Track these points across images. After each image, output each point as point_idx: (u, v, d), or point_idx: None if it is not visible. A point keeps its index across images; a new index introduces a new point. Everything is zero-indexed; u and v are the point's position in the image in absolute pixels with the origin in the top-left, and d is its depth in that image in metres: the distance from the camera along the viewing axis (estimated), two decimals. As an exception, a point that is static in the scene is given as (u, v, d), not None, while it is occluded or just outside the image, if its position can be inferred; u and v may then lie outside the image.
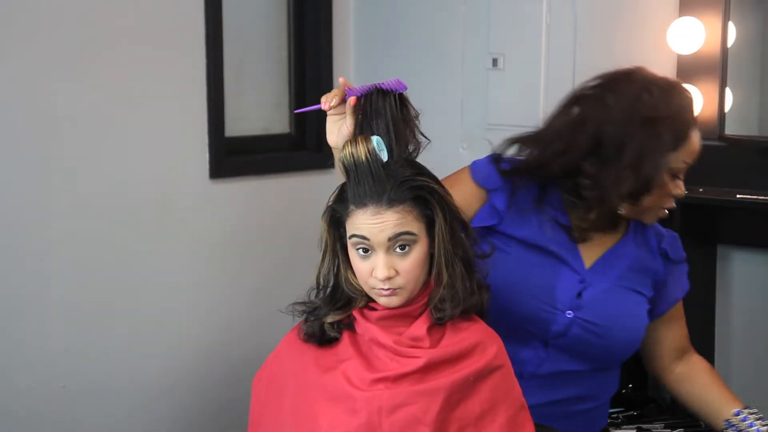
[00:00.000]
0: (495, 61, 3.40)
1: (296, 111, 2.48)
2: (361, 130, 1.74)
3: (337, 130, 1.81)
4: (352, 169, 1.69)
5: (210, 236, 3.24)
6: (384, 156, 1.70)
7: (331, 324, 1.75)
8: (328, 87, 3.47)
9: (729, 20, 2.89)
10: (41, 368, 2.82)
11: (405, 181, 1.69)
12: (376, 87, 1.75)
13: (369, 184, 1.67)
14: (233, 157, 3.30)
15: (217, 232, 3.26)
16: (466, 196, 2.09)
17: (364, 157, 1.67)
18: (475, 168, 2.17)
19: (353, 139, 1.70)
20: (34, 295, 2.81)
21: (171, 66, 3.09)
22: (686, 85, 2.99)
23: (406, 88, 1.77)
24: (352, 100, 1.77)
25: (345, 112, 1.79)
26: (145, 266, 3.06)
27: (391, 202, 1.67)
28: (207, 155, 3.20)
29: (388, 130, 1.72)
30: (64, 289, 2.86)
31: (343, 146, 1.70)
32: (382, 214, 1.67)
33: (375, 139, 1.69)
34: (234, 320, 3.32)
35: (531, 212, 2.11)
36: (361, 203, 1.68)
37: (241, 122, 3.43)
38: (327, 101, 1.81)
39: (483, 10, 3.42)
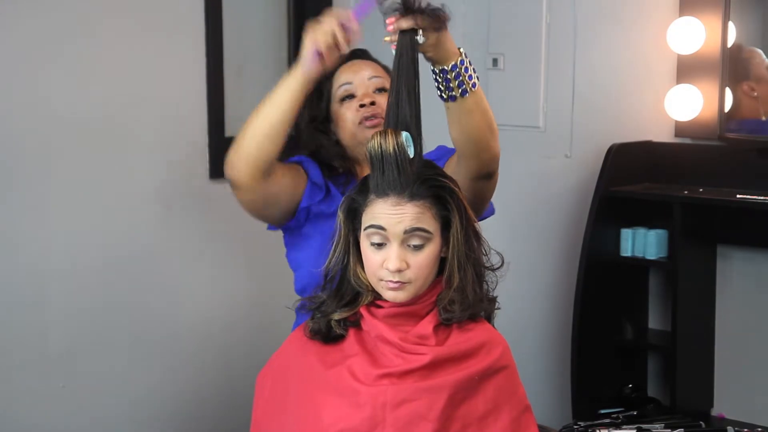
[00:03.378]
0: (495, 61, 3.41)
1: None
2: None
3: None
4: (378, 159, 1.69)
5: (210, 236, 3.24)
6: (411, 152, 1.71)
7: (338, 321, 1.75)
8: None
9: (729, 20, 2.89)
10: (41, 368, 2.82)
11: (428, 179, 1.71)
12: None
13: (393, 175, 1.68)
14: (233, 157, 3.29)
15: (217, 231, 3.26)
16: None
17: (392, 149, 1.68)
18: None
19: (383, 131, 1.71)
20: (34, 295, 2.81)
21: (171, 65, 3.09)
22: (686, 85, 3.02)
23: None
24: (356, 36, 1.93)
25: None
26: (145, 266, 3.06)
27: (413, 196, 1.69)
28: (207, 155, 3.20)
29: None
30: (64, 289, 2.86)
31: (372, 137, 1.71)
32: (402, 206, 1.68)
33: (404, 135, 1.70)
34: (235, 319, 3.32)
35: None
36: (383, 193, 1.69)
37: (241, 122, 3.41)
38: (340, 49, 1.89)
39: (483, 10, 3.42)
